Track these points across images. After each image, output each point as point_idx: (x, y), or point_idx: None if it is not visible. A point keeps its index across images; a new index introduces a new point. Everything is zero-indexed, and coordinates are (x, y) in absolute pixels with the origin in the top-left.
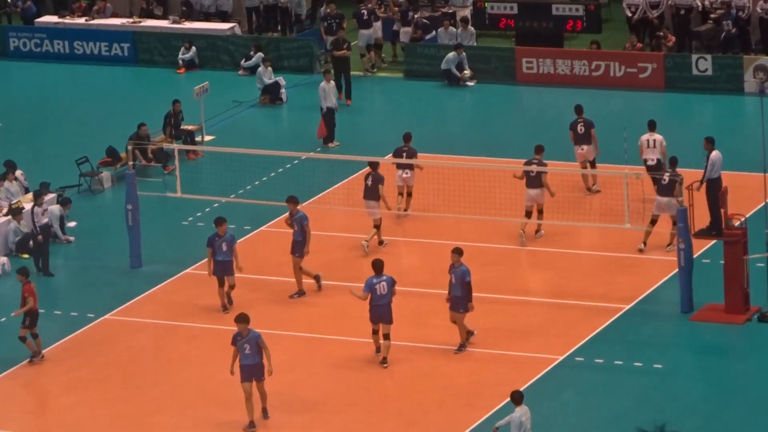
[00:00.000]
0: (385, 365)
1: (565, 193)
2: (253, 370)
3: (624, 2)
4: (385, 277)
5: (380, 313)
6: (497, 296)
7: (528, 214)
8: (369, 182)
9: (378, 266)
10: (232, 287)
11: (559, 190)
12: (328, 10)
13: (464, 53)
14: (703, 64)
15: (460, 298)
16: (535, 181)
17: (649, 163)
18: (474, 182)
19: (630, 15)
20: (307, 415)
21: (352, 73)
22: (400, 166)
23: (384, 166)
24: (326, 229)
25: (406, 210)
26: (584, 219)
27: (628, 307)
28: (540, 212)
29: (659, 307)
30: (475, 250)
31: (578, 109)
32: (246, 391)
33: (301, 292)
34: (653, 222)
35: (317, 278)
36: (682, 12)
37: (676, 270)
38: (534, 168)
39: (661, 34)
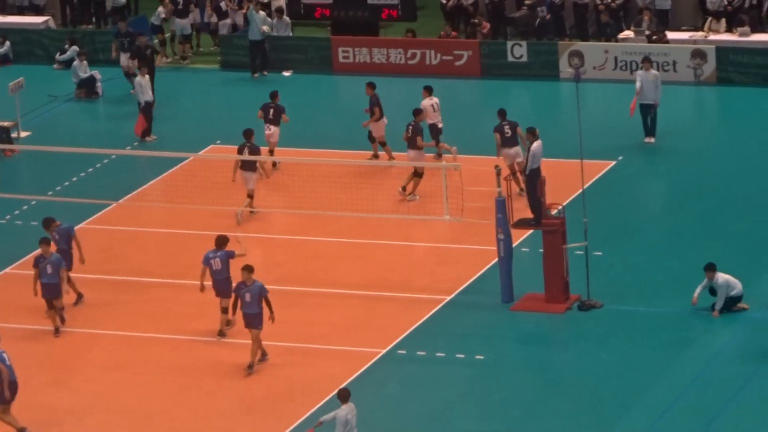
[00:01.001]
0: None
1: (387, 184)
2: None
3: None
4: (220, 253)
5: (219, 288)
6: (319, 290)
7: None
8: (246, 153)
9: (218, 241)
10: (61, 309)
11: (375, 182)
12: (120, 28)
13: (273, 20)
14: (518, 50)
15: (258, 315)
16: (411, 141)
17: (440, 125)
18: (295, 175)
19: (444, 2)
20: (129, 416)
21: (167, 63)
22: (266, 122)
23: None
24: (144, 225)
25: (274, 165)
26: (404, 211)
27: (449, 298)
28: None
29: (480, 298)
30: (296, 243)
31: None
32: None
33: (80, 296)
34: (513, 173)
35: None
36: None
37: (496, 260)
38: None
39: (476, 21)
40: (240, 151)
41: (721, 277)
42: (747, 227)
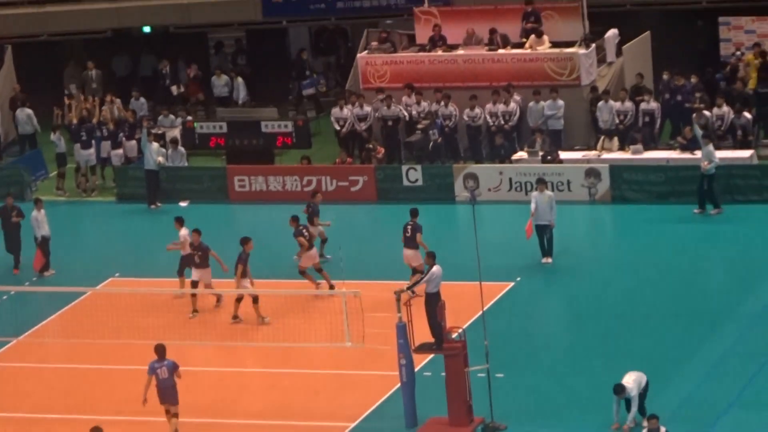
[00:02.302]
0: None
1: (286, 311)
2: None
3: (332, 116)
4: (166, 362)
5: (165, 395)
6: (222, 421)
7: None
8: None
9: (159, 350)
10: None
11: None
12: None
13: (168, 151)
14: (413, 174)
15: None
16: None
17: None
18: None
19: (338, 128)
20: None
21: (66, 197)
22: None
23: None
24: (45, 361)
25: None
26: (305, 339)
27: (353, 425)
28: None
29: (384, 424)
30: (200, 374)
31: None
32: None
33: None
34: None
35: None
36: (390, 123)
37: (399, 385)
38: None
39: (371, 146)
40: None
41: (630, 383)
42: (647, 344)
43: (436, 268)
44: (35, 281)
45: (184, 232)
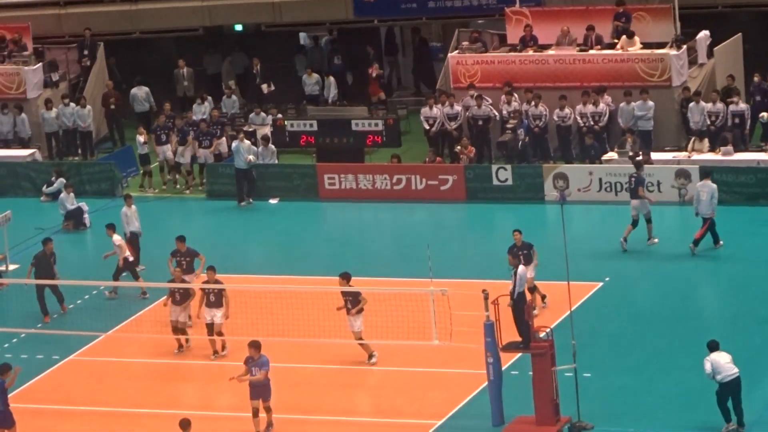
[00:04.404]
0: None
1: (374, 309)
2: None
3: (422, 115)
4: (260, 359)
5: (256, 391)
6: (307, 418)
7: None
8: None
9: (254, 347)
10: None
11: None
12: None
13: (258, 149)
14: (503, 174)
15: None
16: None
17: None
18: (282, 302)
19: (428, 128)
20: None
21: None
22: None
23: None
24: (133, 356)
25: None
26: (393, 336)
27: (439, 423)
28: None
29: (470, 422)
30: (287, 371)
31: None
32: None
33: None
34: (634, 224)
35: None
36: (480, 122)
37: (486, 383)
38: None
39: (460, 146)
40: None
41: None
42: (736, 345)
43: (521, 269)
44: (125, 276)
45: (117, 237)
